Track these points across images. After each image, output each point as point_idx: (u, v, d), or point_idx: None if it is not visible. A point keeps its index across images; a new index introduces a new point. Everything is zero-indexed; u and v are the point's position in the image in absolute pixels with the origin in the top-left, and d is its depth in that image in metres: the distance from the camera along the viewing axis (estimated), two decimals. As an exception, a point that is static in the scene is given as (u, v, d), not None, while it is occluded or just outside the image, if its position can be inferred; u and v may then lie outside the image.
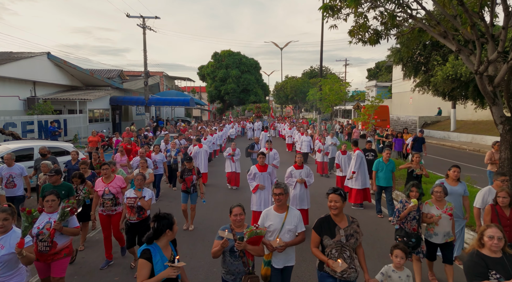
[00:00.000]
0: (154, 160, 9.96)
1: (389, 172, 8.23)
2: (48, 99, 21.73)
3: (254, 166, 7.45)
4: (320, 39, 25.14)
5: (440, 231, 4.86)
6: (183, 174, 7.54)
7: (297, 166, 7.42)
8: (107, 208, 5.96)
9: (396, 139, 13.76)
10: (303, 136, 15.52)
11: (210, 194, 10.60)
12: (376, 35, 9.45)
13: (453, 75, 19.74)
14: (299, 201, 7.34)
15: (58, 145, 11.31)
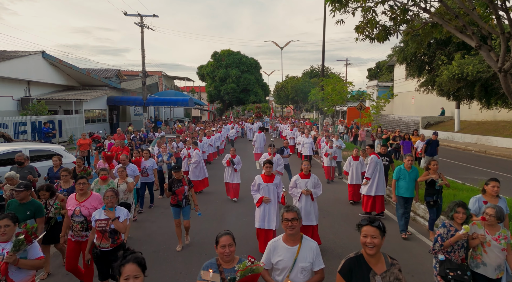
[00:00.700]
0: (144, 166, 9.10)
1: (412, 181, 7.19)
2: (42, 100, 21.17)
3: (258, 176, 6.51)
4: (322, 39, 24.58)
5: (490, 261, 3.93)
6: (172, 186, 6.59)
7: (303, 175, 6.49)
8: (76, 233, 4.86)
9: (404, 141, 12.99)
10: (305, 138, 14.83)
11: (206, 203, 9.76)
12: (385, 31, 8.90)
13: (459, 74, 19.20)
14: (304, 216, 6.30)
15: (48, 148, 10.74)
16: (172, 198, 6.60)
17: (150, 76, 33.81)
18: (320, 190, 6.53)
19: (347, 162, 9.77)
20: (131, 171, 8.11)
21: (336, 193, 10.93)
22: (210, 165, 16.16)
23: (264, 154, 9.77)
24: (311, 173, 6.60)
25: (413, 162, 7.25)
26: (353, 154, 9.73)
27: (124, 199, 6.74)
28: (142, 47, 26.55)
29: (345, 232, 7.54)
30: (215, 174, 13.80)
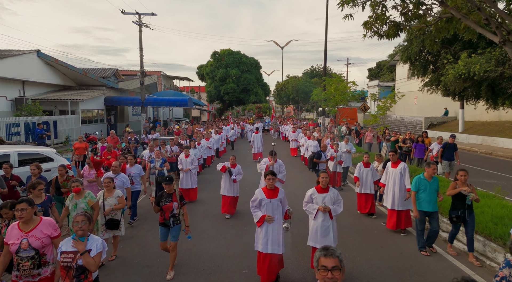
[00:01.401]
0: (129, 173, 8.14)
1: (434, 193, 6.34)
2: (37, 100, 20.60)
3: (259, 190, 5.46)
4: (324, 37, 24.05)
5: None
6: (160, 200, 5.60)
7: (321, 188, 5.55)
8: (24, 272, 3.73)
9: (417, 144, 12.07)
10: (309, 141, 14.14)
11: (197, 217, 8.64)
12: (395, 27, 8.36)
13: (465, 74, 18.67)
14: (321, 236, 5.40)
15: (38, 151, 10.19)
16: (160, 215, 5.70)
17: (149, 76, 33.26)
18: (341, 206, 5.62)
19: (357, 168, 8.90)
20: (121, 181, 7.17)
21: (344, 202, 10.27)
22: (209, 168, 15.55)
23: (264, 159, 8.58)
24: (330, 187, 5.73)
25: (435, 171, 6.33)
26: (363, 160, 8.87)
27: (112, 215, 6.01)
28: (140, 46, 25.98)
29: (362, 250, 6.75)
30: (213, 179, 13.13)
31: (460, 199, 5.98)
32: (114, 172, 7.14)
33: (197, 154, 12.32)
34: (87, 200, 5.73)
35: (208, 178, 13.52)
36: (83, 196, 5.76)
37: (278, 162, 8.32)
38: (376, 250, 6.75)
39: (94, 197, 5.89)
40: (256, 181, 13.40)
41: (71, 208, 5.70)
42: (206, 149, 14.93)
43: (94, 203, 5.77)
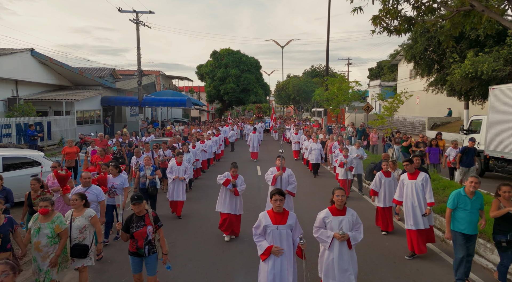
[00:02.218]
0: (112, 185, 7.11)
1: (475, 212, 5.26)
2: (30, 100, 19.98)
3: (264, 214, 4.40)
4: (327, 36, 23.46)
5: None
6: (130, 225, 4.60)
7: (336, 210, 4.47)
8: None
9: (431, 148, 11.05)
10: (313, 143, 13.31)
11: (186, 237, 7.34)
12: (407, 22, 7.76)
13: (473, 73, 18.08)
14: (338, 272, 4.38)
15: (25, 155, 9.60)
16: (130, 244, 4.66)
17: (147, 76, 32.65)
18: (361, 232, 4.52)
19: (376, 178, 7.70)
20: (93, 195, 6.09)
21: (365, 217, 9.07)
22: (205, 173, 14.68)
23: (271, 169, 7.35)
24: (347, 207, 4.62)
25: (478, 185, 5.22)
26: (382, 168, 7.77)
27: (80, 240, 4.85)
28: (137, 45, 25.40)
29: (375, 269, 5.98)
30: (210, 185, 12.33)
31: (508, 220, 5.02)
32: (85, 184, 6.13)
33: (191, 158, 11.33)
34: (54, 225, 4.67)
35: (204, 185, 12.62)
36: (51, 219, 4.71)
37: (287, 171, 7.23)
38: (391, 268, 6.15)
39: (64, 223, 4.78)
40: (256, 183, 12.81)
41: (33, 232, 4.62)
42: (201, 152, 14.02)
43: (62, 230, 4.69)
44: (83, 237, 4.87)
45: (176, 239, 7.39)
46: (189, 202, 9.87)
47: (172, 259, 6.44)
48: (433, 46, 21.56)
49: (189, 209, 9.49)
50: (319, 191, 11.55)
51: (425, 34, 21.61)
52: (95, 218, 5.03)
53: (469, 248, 5.32)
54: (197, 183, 12.78)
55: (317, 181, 13.02)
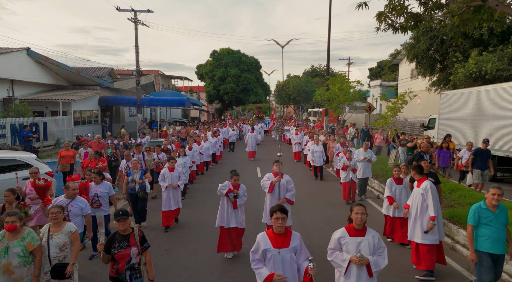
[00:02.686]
0: (95, 193, 6.46)
1: (502, 227, 4.59)
2: (25, 100, 19.62)
3: (263, 235, 3.72)
4: (328, 34, 23.13)
5: None
6: (111, 245, 4.00)
7: (354, 229, 3.84)
8: None
9: (441, 151, 10.38)
10: (314, 145, 12.76)
11: (179, 253, 6.58)
12: (414, 18, 7.42)
13: (476, 72, 17.76)
14: None
15: (16, 157, 9.24)
16: (110, 267, 4.03)
17: (146, 76, 32.31)
18: (385, 258, 3.81)
19: (387, 185, 7.16)
20: (77, 208, 5.47)
21: None
22: (202, 176, 14.17)
23: (268, 174, 6.80)
24: (367, 227, 3.93)
25: (501, 198, 4.61)
26: (394, 175, 7.20)
27: (60, 259, 4.30)
28: (136, 44, 25.08)
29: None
30: (206, 189, 11.86)
31: None
32: (70, 196, 5.47)
33: (187, 162, 10.71)
34: (25, 243, 4.09)
35: (200, 189, 11.96)
36: (21, 236, 4.10)
37: (285, 177, 6.63)
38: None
39: (36, 238, 4.19)
40: (255, 185, 12.38)
41: (1, 252, 4.02)
42: (198, 154, 13.45)
43: (35, 247, 4.13)
44: (63, 255, 4.31)
45: (171, 246, 7.05)
46: (185, 207, 9.46)
47: (167, 268, 6.12)
48: (436, 45, 21.23)
49: (185, 214, 9.08)
50: (322, 195, 11.15)
51: (428, 33, 21.29)
52: (76, 234, 4.47)
53: (497, 271, 4.63)
54: (193, 187, 12.20)
55: (320, 185, 12.52)
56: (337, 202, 10.08)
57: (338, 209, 9.41)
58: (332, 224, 8.23)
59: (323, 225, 8.20)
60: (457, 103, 11.13)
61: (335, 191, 11.38)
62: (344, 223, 8.18)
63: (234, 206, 6.37)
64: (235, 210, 6.40)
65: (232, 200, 6.37)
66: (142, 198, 7.75)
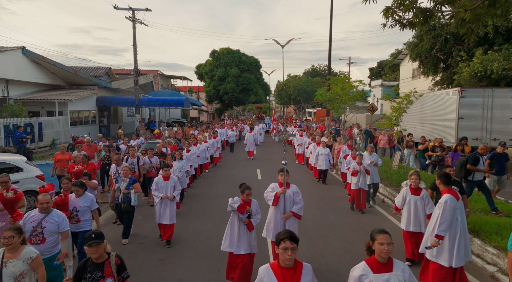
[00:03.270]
0: (74, 207, 5.55)
1: None
2: (20, 100, 19.21)
3: (267, 269, 3.01)
4: (329, 33, 22.74)
5: None
6: (82, 275, 3.36)
7: (378, 264, 3.12)
8: None
9: (455, 154, 9.67)
10: (320, 148, 12.09)
11: (180, 254, 6.47)
12: (424, 13, 7.00)
13: (482, 72, 17.35)
14: None
15: (4, 160, 8.83)
16: None
17: (144, 75, 31.91)
18: None
19: (401, 195, 6.31)
20: (53, 224, 4.63)
21: None
22: (198, 179, 13.30)
23: (273, 185, 5.99)
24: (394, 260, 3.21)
25: None
26: (411, 184, 6.23)
27: None
28: (134, 43, 24.69)
29: None
30: (203, 194, 11.28)
31: None
32: (43, 210, 4.65)
33: (184, 166, 9.85)
34: None
35: (196, 194, 11.14)
36: None
37: (292, 188, 5.85)
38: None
39: None
40: (255, 188, 11.87)
41: None
42: (196, 157, 12.72)
43: None
44: None
45: (166, 256, 6.63)
46: (180, 214, 8.84)
47: (161, 279, 5.72)
48: (439, 44, 20.84)
49: (180, 222, 8.43)
50: (325, 200, 10.69)
51: (431, 32, 20.90)
52: (38, 260, 3.72)
53: None
54: (188, 192, 11.33)
55: (324, 189, 11.89)
56: (341, 207, 9.59)
57: (342, 215, 8.94)
58: (336, 231, 7.81)
59: (327, 232, 7.77)
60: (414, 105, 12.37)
61: (339, 196, 10.90)
62: (348, 229, 7.88)
63: (249, 228, 5.30)
64: (245, 233, 5.31)
65: (246, 221, 5.26)
66: (125, 211, 6.90)
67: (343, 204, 9.96)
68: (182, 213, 8.98)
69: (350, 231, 7.83)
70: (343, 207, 9.60)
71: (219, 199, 10.35)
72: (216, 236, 7.49)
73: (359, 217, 8.82)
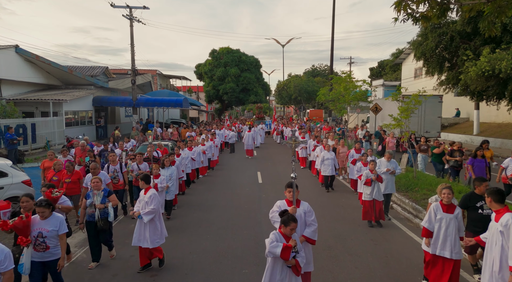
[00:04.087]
0: (40, 232, 4.61)
1: None
2: (12, 100, 18.63)
3: None
4: (331, 31, 22.18)
5: None
6: None
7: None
8: None
9: (475, 160, 8.79)
10: (325, 152, 11.10)
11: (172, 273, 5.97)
12: (439, 6, 6.42)
13: (489, 71, 16.76)
14: None
15: (-13, 164, 8.26)
16: None
17: (142, 75, 31.33)
18: None
19: (431, 214, 5.16)
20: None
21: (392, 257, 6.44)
22: (194, 185, 12.37)
23: (279, 203, 4.79)
24: None
25: None
26: (442, 199, 5.16)
27: None
28: (131, 42, 24.11)
29: None
30: (198, 203, 10.48)
31: None
32: None
33: (174, 174, 8.73)
34: None
35: (190, 203, 10.08)
36: None
37: (303, 206, 4.73)
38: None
39: None
40: (255, 192, 11.39)
41: None
42: (190, 161, 11.74)
43: None
44: None
45: (158, 272, 6.05)
46: (172, 227, 8.00)
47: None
48: (445, 43, 20.25)
49: (172, 234, 7.45)
50: (331, 207, 10.00)
51: (436, 30, 20.33)
52: None
53: None
54: (182, 200, 10.27)
55: (328, 195, 11.00)
56: (349, 216, 8.94)
57: (349, 224, 8.29)
58: (343, 242, 7.22)
59: (333, 243, 7.16)
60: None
61: (345, 202, 10.23)
62: (357, 240, 7.27)
63: (296, 271, 3.90)
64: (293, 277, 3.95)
65: (292, 262, 3.87)
66: (102, 229, 5.93)
67: (349, 210, 9.35)
68: (174, 225, 8.25)
69: (358, 242, 7.23)
70: (350, 215, 8.97)
71: (216, 207, 9.70)
72: (212, 250, 6.92)
73: (374, 234, 7.96)
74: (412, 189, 9.68)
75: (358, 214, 8.83)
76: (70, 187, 7.76)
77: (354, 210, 9.32)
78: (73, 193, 7.81)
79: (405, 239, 7.39)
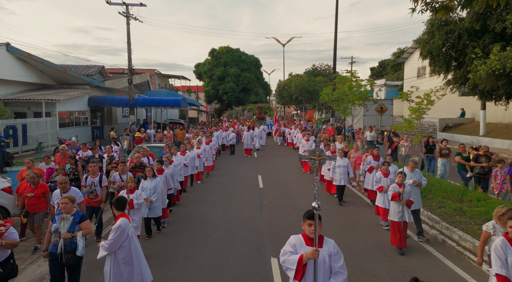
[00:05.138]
0: None
1: None
2: (1, 101, 17.89)
3: None
4: (334, 29, 21.50)
5: None
6: None
7: None
8: None
9: (510, 168, 8.05)
10: (338, 158, 9.72)
11: None
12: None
13: (500, 70, 16.06)
14: None
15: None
16: None
17: (140, 74, 30.63)
18: None
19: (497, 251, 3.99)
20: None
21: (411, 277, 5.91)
22: (188, 192, 11.33)
23: (293, 239, 3.50)
24: None
25: None
26: (509, 232, 4.06)
27: None
28: (128, 40, 23.41)
29: None
30: (192, 215, 9.68)
31: None
32: None
33: (158, 186, 7.40)
34: None
35: (183, 215, 8.95)
36: None
37: (327, 246, 3.46)
38: None
39: None
40: (256, 199, 10.54)
41: None
42: (182, 167, 10.45)
43: None
44: None
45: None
46: (163, 243, 7.19)
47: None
48: (452, 41, 19.56)
49: (165, 252, 6.75)
50: (338, 215, 9.34)
51: (443, 28, 19.63)
52: None
53: None
54: (174, 211, 9.34)
55: (345, 211, 9.33)
56: (357, 225, 8.24)
57: (359, 234, 7.62)
58: (352, 256, 6.51)
59: (343, 258, 6.46)
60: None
61: (354, 210, 9.46)
62: (369, 254, 6.52)
63: None
64: None
65: None
66: (67, 265, 4.58)
67: (358, 219, 8.64)
68: (167, 238, 7.48)
69: (371, 256, 6.53)
70: (358, 224, 8.28)
71: (213, 217, 8.93)
72: (208, 267, 6.21)
73: (380, 237, 7.45)
74: (426, 196, 8.96)
75: (367, 224, 8.15)
76: (32, 203, 6.47)
77: (363, 218, 8.62)
78: (35, 210, 6.54)
79: (422, 254, 6.68)
